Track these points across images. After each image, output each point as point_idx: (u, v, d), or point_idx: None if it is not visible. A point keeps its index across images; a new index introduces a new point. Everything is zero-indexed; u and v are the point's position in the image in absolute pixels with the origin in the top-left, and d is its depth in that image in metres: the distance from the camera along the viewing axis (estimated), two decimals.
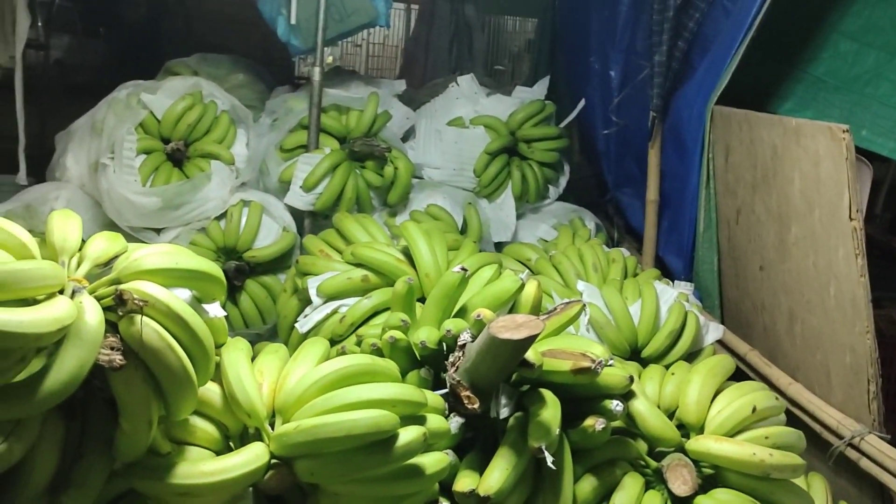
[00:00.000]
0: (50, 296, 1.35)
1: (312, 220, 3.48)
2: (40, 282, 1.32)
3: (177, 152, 3.36)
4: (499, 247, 3.54)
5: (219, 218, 3.33)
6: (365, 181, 3.50)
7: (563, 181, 4.04)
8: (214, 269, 1.58)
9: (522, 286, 2.11)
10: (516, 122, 3.87)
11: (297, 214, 3.47)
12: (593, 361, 1.79)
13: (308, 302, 2.60)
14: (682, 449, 1.96)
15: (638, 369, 2.33)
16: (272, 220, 3.38)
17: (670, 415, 2.07)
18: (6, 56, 3.80)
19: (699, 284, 3.25)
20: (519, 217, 3.84)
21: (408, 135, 3.91)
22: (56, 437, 1.45)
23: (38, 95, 4.45)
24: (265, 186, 3.55)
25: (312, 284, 2.57)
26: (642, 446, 1.99)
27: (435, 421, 1.67)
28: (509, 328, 1.69)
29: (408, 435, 1.55)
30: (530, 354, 1.76)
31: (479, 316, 1.86)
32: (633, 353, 2.61)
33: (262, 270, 3.37)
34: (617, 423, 1.98)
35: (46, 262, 1.36)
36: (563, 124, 4.02)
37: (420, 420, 1.63)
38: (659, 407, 2.05)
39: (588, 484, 1.89)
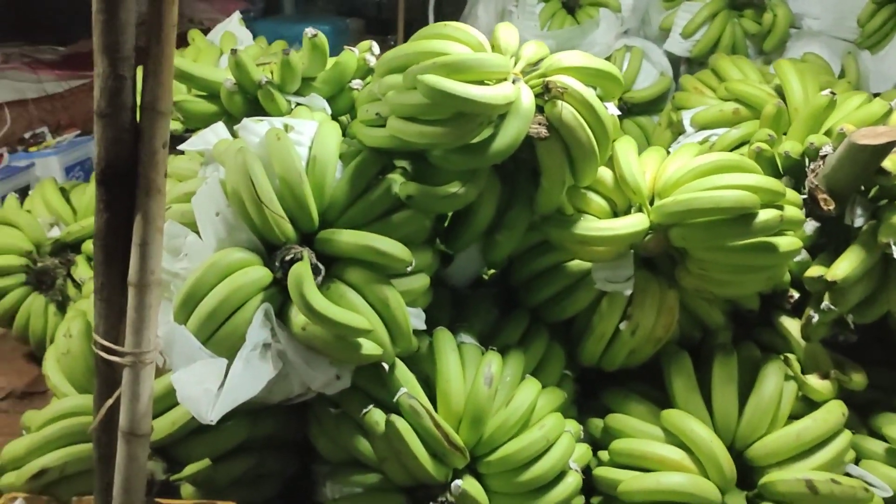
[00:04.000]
0: (497, 82, 1.83)
1: (688, 66, 3.74)
2: (495, 68, 1.79)
3: (570, 0, 3.79)
4: None
5: None
6: (742, 29, 3.66)
7: None
8: (615, 70, 1.97)
9: (891, 111, 2.25)
10: None
11: (673, 60, 3.75)
12: None
13: (680, 133, 2.92)
14: None
15: None
16: (651, 64, 3.70)
17: None
18: None
19: None
20: None
21: None
22: (494, 192, 1.96)
23: None
24: (646, 34, 3.87)
25: (686, 116, 2.88)
26: None
27: (791, 211, 1.94)
28: (869, 136, 1.90)
29: (766, 214, 1.85)
30: (888, 163, 1.95)
31: (842, 129, 2.06)
32: None
33: (638, 111, 3.73)
34: None
35: (499, 55, 1.84)
36: None
37: (778, 207, 1.91)
38: None
39: None
